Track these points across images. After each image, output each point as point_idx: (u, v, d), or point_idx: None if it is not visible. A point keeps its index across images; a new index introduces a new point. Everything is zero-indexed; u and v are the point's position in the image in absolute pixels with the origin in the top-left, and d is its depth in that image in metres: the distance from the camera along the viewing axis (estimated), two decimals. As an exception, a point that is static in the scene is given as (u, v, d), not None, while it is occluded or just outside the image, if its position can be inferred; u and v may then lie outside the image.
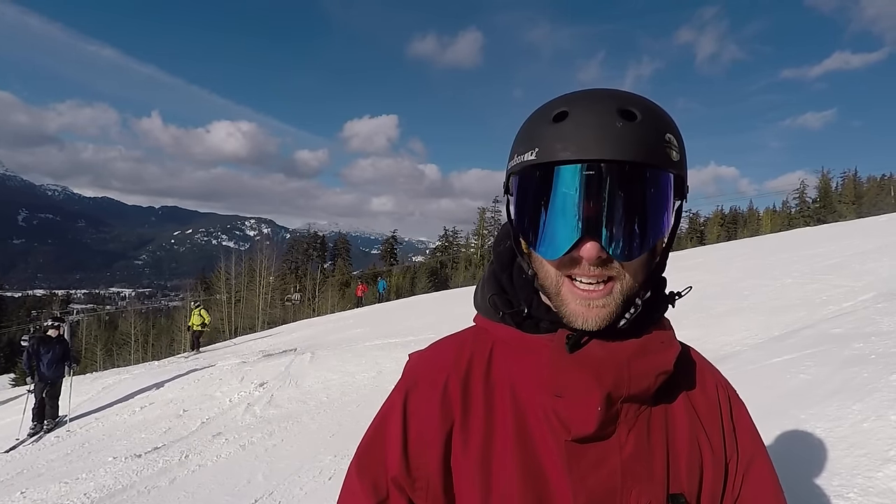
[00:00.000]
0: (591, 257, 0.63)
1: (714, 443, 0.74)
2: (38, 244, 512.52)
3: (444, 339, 0.83)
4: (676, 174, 0.66)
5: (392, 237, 61.26)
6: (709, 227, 57.43)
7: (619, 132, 0.62)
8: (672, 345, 0.73)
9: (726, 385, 0.81)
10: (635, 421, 0.71)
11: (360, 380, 8.30)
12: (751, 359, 4.28)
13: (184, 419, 7.56)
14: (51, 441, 7.43)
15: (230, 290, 45.14)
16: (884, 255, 9.03)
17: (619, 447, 0.69)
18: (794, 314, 6.73)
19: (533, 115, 0.71)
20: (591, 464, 0.68)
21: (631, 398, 0.70)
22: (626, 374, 0.68)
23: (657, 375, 0.70)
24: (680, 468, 0.71)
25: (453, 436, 0.72)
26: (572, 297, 0.67)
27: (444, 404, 0.73)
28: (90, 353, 44.85)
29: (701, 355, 0.84)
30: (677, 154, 0.66)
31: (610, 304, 0.67)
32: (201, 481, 5.14)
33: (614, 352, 0.69)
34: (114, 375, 12.81)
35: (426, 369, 0.78)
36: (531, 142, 0.67)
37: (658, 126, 0.65)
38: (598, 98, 0.66)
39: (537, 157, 0.65)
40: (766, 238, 23.32)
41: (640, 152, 0.62)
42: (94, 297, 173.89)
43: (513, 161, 0.70)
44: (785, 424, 2.65)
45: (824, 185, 54.55)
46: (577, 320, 0.67)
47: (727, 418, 0.77)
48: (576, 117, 0.64)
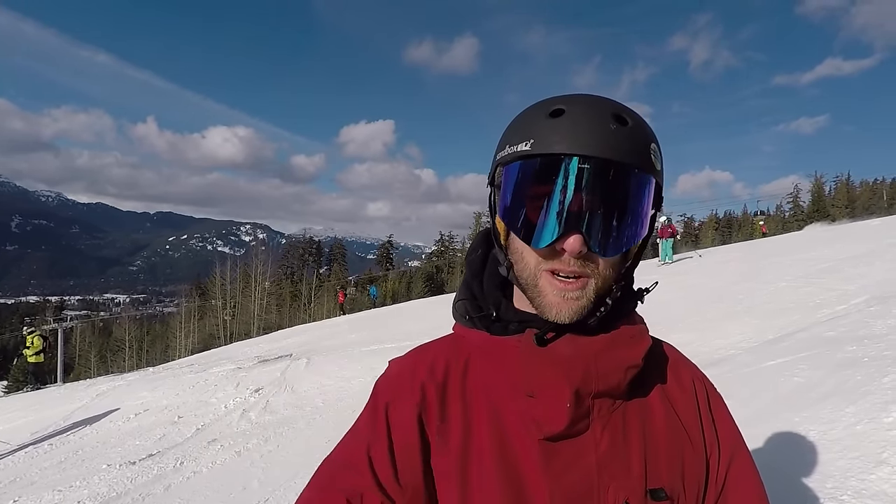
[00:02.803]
0: (574, 250, 0.64)
1: (692, 435, 0.75)
2: (31, 250, 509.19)
3: (422, 346, 0.84)
4: (658, 182, 0.69)
5: (388, 242, 61.22)
6: (703, 231, 57.68)
7: (613, 134, 0.65)
8: (642, 339, 0.74)
9: (702, 378, 0.82)
10: (609, 417, 0.71)
11: (355, 385, 8.28)
12: (745, 362, 4.30)
13: (179, 426, 7.51)
14: (44, 448, 7.37)
15: (225, 296, 44.98)
16: (876, 259, 9.09)
17: (594, 444, 0.70)
18: (788, 318, 6.76)
19: (528, 110, 0.72)
20: (567, 462, 0.69)
21: (602, 394, 0.70)
22: (595, 369, 0.69)
23: (626, 369, 0.71)
24: (658, 462, 0.72)
25: (431, 440, 0.73)
26: (550, 289, 0.68)
27: (424, 413, 0.74)
28: (84, 360, 44.56)
29: (676, 350, 0.85)
30: (658, 163, 0.69)
31: (583, 297, 0.68)
32: (196, 488, 5.11)
33: (582, 347, 0.70)
34: (108, 382, 12.72)
35: (405, 379, 0.78)
36: (526, 133, 0.68)
37: (646, 134, 0.68)
38: (595, 101, 0.68)
39: (532, 147, 0.66)
40: (759, 242, 23.42)
41: (630, 155, 0.65)
42: (89, 303, 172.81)
43: (504, 151, 0.71)
44: (779, 427, 2.66)
45: (818, 189, 54.92)
46: (552, 311, 0.68)
47: (705, 410, 0.78)
48: (572, 115, 0.66)
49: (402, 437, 0.73)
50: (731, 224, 59.63)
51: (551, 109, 0.68)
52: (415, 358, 0.81)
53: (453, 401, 0.74)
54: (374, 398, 0.79)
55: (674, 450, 0.73)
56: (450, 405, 0.74)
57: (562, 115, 0.67)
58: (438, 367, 0.77)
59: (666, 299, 9.03)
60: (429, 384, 0.76)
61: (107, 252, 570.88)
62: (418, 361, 0.80)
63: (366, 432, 0.76)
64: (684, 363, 0.83)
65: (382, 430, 0.74)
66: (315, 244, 60.02)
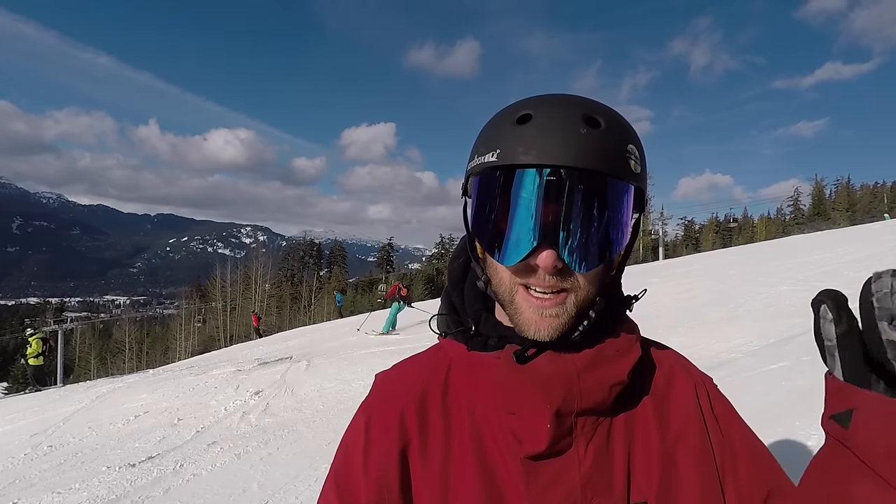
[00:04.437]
0: (548, 266, 0.61)
1: (691, 441, 0.70)
2: (32, 252, 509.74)
3: (408, 360, 0.82)
4: (636, 186, 0.65)
5: (388, 244, 61.28)
6: (704, 235, 57.68)
7: (583, 139, 0.60)
8: (629, 352, 0.70)
9: (702, 379, 0.78)
10: (593, 433, 0.68)
11: (356, 388, 8.27)
12: (746, 366, 4.30)
13: (178, 428, 7.50)
14: (44, 450, 7.36)
15: (225, 298, 44.98)
16: (877, 263, 9.08)
17: (577, 461, 0.66)
18: (789, 321, 6.75)
19: (496, 116, 0.69)
20: (549, 480, 0.66)
21: (585, 411, 0.67)
22: (577, 388, 0.66)
23: (611, 387, 0.67)
24: (643, 476, 0.68)
25: (410, 457, 0.70)
26: (526, 306, 0.65)
27: (401, 429, 0.72)
28: (84, 362, 44.55)
29: (674, 354, 0.81)
30: (637, 166, 0.65)
31: (563, 314, 0.65)
32: (196, 491, 5.10)
33: (564, 366, 0.67)
34: (108, 384, 12.70)
35: (386, 395, 0.76)
36: (492, 143, 0.64)
37: (621, 136, 0.64)
38: (564, 103, 0.64)
39: (498, 158, 0.63)
40: (760, 245, 23.42)
41: (602, 161, 0.61)
42: (89, 305, 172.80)
43: (473, 161, 0.67)
44: (780, 432, 2.66)
45: (818, 192, 54.95)
46: (530, 329, 0.65)
47: (708, 412, 0.73)
48: (539, 121, 0.62)
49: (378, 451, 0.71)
50: (731, 227, 59.61)
51: (518, 115, 0.64)
52: (399, 372, 0.79)
53: (434, 415, 0.72)
54: (358, 413, 0.77)
55: (665, 460, 0.69)
56: (431, 420, 0.72)
57: (528, 121, 0.63)
58: (421, 381, 0.75)
59: (665, 302, 9.04)
60: (410, 399, 0.73)
61: (107, 254, 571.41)
62: (402, 375, 0.78)
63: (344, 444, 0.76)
64: (683, 368, 0.79)
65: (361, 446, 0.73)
66: (315, 246, 60.12)
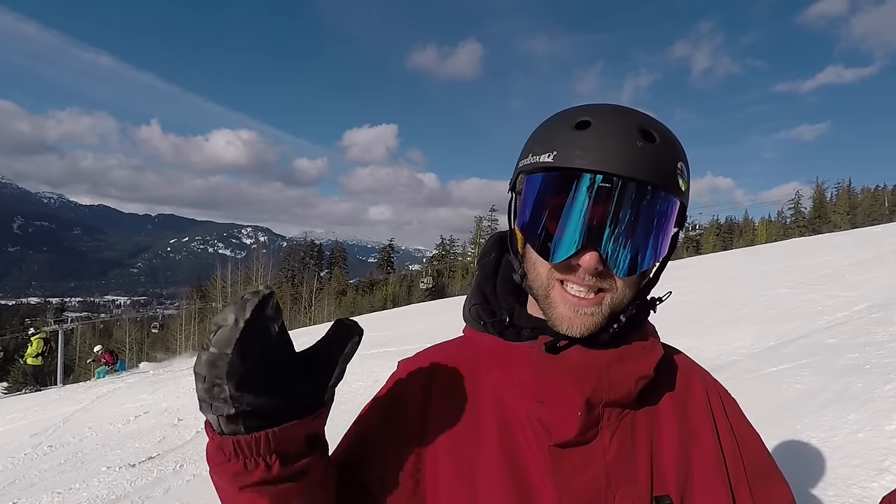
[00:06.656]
0: (590, 268, 0.64)
1: (705, 444, 0.74)
2: (32, 252, 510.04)
3: (433, 347, 0.84)
4: (681, 202, 0.68)
5: (389, 246, 61.27)
6: (704, 237, 57.62)
7: (639, 151, 0.63)
8: (653, 350, 0.75)
9: (715, 384, 0.82)
10: (618, 425, 0.71)
11: (355, 388, 8.26)
12: (746, 368, 4.30)
13: (178, 428, 7.50)
14: (44, 450, 7.36)
15: (226, 299, 44.93)
16: (878, 266, 9.08)
17: (602, 451, 0.69)
18: (790, 324, 6.75)
19: (553, 118, 0.71)
20: (575, 468, 0.69)
21: (612, 403, 0.70)
22: (606, 379, 0.69)
23: (637, 380, 0.71)
24: (665, 470, 0.71)
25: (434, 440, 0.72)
26: (562, 301, 0.68)
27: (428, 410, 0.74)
28: (84, 362, 44.48)
29: (689, 359, 0.85)
30: (685, 183, 0.68)
31: (598, 314, 0.68)
32: (196, 491, 5.09)
33: (594, 357, 0.70)
34: (108, 384, 12.71)
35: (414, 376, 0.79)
36: (549, 144, 0.67)
37: (674, 152, 0.67)
38: (622, 115, 0.67)
39: (554, 160, 0.65)
40: (761, 248, 23.41)
41: (656, 175, 0.64)
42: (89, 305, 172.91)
43: (526, 159, 0.70)
44: (780, 434, 2.65)
45: (819, 195, 54.88)
46: (563, 324, 0.68)
47: (721, 417, 0.78)
48: (598, 128, 0.65)
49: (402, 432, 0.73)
50: (732, 230, 59.53)
51: (577, 121, 0.67)
52: (424, 358, 0.81)
53: (461, 401, 0.74)
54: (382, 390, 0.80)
55: (682, 458, 0.73)
56: (457, 405, 0.74)
57: (587, 127, 0.65)
58: (448, 367, 0.78)
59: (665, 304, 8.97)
60: (437, 383, 0.76)
61: (108, 254, 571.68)
62: (430, 356, 0.81)
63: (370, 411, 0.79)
64: (697, 372, 0.83)
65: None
66: (316, 247, 60.13)
